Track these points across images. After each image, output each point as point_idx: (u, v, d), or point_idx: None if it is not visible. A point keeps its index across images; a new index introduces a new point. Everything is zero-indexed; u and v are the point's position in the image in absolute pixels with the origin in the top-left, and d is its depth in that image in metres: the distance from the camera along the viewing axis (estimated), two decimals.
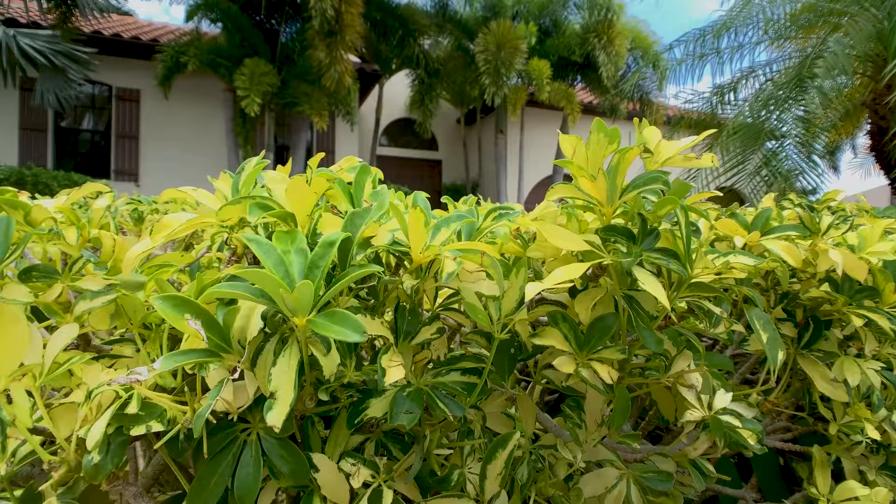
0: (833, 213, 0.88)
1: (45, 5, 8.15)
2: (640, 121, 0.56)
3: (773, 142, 2.33)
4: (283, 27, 9.69)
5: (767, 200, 0.79)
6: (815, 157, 2.77)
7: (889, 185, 3.84)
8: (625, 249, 0.48)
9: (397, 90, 13.77)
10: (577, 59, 11.13)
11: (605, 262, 0.47)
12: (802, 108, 2.29)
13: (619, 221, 0.53)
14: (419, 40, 10.40)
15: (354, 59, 11.21)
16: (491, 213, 0.56)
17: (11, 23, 8.81)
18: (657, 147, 0.51)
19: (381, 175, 0.64)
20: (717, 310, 0.50)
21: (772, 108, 2.45)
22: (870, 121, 3.25)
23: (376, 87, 12.49)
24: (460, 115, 14.72)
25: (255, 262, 0.54)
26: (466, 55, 11.35)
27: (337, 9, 7.74)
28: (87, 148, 10.40)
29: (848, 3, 2.77)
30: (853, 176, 11.95)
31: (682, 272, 0.47)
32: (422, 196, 0.61)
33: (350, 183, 0.57)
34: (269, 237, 0.44)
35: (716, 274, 0.50)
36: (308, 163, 0.68)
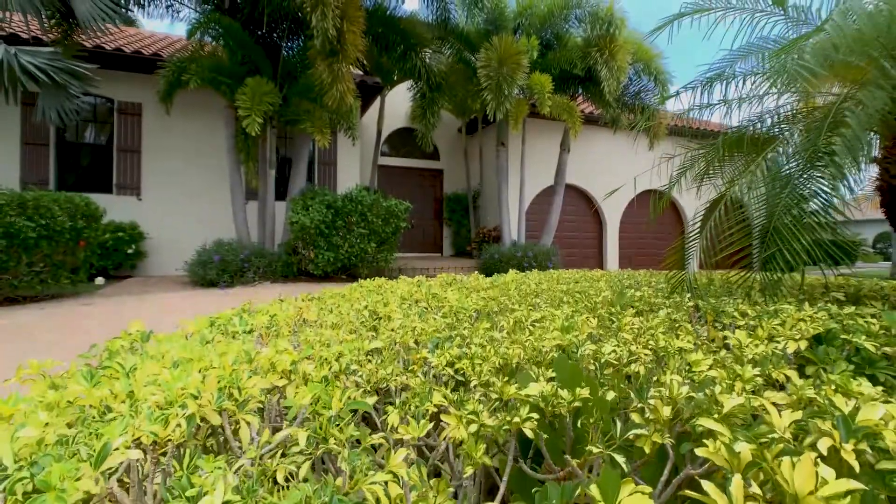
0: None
1: (46, 23, 8.13)
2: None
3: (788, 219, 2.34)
4: (284, 42, 9.68)
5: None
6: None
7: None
8: None
9: (399, 100, 13.77)
10: (578, 72, 11.11)
11: None
12: (821, 185, 2.28)
13: None
14: (421, 54, 10.37)
15: (356, 71, 11.20)
16: None
17: (14, 38, 8.81)
18: None
19: None
20: None
21: (784, 185, 2.44)
22: (879, 178, 3.23)
23: (378, 98, 12.48)
24: (461, 125, 14.72)
25: None
26: (468, 68, 11.34)
27: (339, 28, 7.73)
28: (88, 161, 10.39)
29: (859, 57, 2.77)
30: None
31: None
32: None
33: None
34: None
35: None
36: None
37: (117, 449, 0.72)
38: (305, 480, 0.81)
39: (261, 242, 9.71)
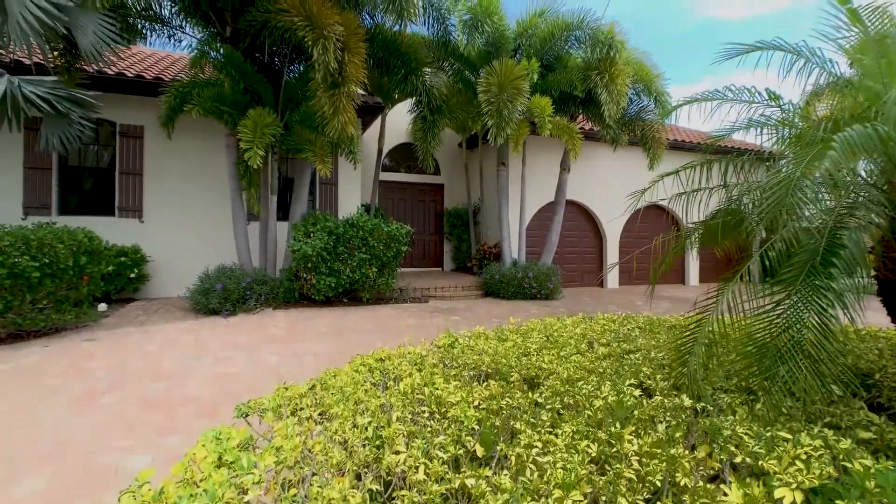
0: None
1: (50, 54, 8.16)
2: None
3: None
4: (286, 66, 9.69)
5: None
6: None
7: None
8: None
9: (399, 116, 13.80)
10: (578, 94, 11.12)
11: None
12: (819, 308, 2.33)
13: None
14: (422, 77, 10.38)
15: (358, 91, 11.20)
16: None
17: (17, 64, 8.82)
18: None
19: None
20: None
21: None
22: (875, 270, 3.27)
23: (378, 117, 12.50)
24: (462, 140, 14.76)
25: None
26: (468, 89, 11.35)
27: (340, 60, 7.75)
28: (90, 185, 10.42)
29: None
30: None
31: None
32: None
33: None
34: None
35: None
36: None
37: None
38: None
39: (262, 267, 9.75)
